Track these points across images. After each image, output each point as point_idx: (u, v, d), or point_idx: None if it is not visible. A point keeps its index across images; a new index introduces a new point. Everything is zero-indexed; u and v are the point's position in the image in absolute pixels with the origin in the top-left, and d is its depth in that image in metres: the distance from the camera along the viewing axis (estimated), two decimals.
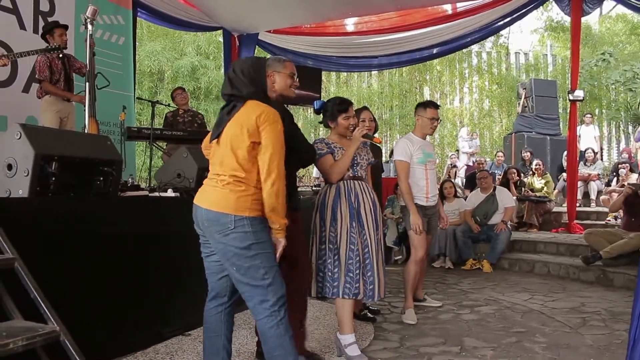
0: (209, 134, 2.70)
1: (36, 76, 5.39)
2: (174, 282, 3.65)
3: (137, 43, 8.71)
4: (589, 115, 11.84)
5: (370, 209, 3.34)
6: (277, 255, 2.46)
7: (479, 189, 7.28)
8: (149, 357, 3.21)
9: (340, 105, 3.41)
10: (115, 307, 3.16)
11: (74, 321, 2.42)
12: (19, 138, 2.91)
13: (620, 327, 3.86)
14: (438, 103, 4.56)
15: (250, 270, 2.38)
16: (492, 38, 16.80)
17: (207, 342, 2.65)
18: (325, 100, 3.52)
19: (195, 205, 2.51)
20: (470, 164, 11.92)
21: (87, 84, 4.54)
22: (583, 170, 9.72)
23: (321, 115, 3.50)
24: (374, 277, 3.25)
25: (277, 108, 2.51)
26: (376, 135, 4.21)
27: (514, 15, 8.57)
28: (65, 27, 5.43)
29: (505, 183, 8.59)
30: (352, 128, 3.36)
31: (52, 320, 2.10)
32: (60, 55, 5.35)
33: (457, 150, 13.26)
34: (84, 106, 4.58)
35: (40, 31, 5.79)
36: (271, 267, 2.42)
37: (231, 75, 2.51)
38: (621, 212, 6.62)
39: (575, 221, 8.00)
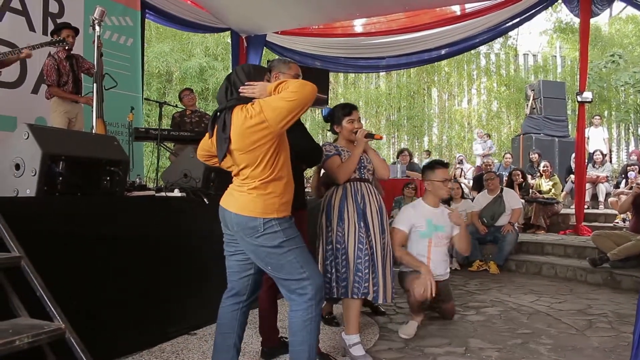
0: (204, 140, 2.65)
1: (44, 79, 5.44)
2: (180, 281, 3.67)
3: (145, 44, 8.76)
4: (597, 117, 11.78)
5: (377, 211, 3.35)
6: None
7: (486, 190, 7.25)
8: (155, 356, 3.23)
9: (344, 109, 3.44)
10: (121, 306, 3.18)
11: (80, 320, 2.44)
12: (27, 138, 2.94)
13: (627, 330, 3.83)
14: (446, 161, 4.19)
15: (286, 267, 2.42)
16: (500, 39, 16.85)
17: (219, 339, 2.67)
18: (332, 107, 3.56)
19: (223, 208, 2.52)
20: (479, 164, 11.91)
21: (94, 85, 4.58)
22: (591, 172, 9.67)
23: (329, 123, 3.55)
24: (378, 279, 3.25)
25: None
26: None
27: (523, 16, 8.55)
28: (75, 29, 5.46)
29: (509, 185, 8.56)
30: (356, 131, 3.38)
31: (58, 317, 2.12)
32: (68, 56, 5.40)
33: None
34: (92, 107, 4.61)
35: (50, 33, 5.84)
36: (306, 261, 2.46)
37: (232, 77, 2.50)
38: (629, 214, 6.58)
39: (583, 223, 7.96)
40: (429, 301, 3.79)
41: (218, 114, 2.46)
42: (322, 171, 3.59)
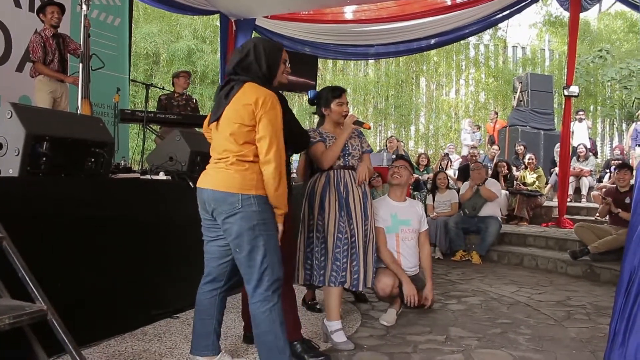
0: (208, 118, 2.68)
1: (30, 56, 5.36)
2: (163, 264, 3.66)
3: (133, 25, 8.64)
4: (581, 112, 11.86)
5: (360, 199, 3.35)
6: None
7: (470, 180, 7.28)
8: (137, 339, 3.23)
9: (334, 91, 3.41)
10: (104, 288, 3.18)
11: (62, 301, 2.44)
12: (10, 117, 2.89)
13: (604, 321, 3.90)
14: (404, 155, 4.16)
15: (252, 252, 2.39)
16: (490, 31, 16.83)
17: (199, 324, 2.68)
18: (319, 90, 3.53)
19: (200, 188, 2.51)
20: (465, 154, 11.95)
21: (81, 64, 4.52)
22: (575, 165, 9.77)
23: (315, 106, 3.51)
24: (359, 266, 3.27)
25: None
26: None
27: (513, 9, 8.55)
28: (61, 6, 5.37)
29: (494, 176, 8.62)
30: (344, 114, 3.37)
31: (40, 299, 2.11)
32: (55, 34, 5.32)
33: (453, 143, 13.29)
34: (78, 87, 4.56)
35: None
36: (271, 250, 2.42)
37: (250, 53, 2.49)
38: None
39: (566, 216, 8.06)
40: (395, 294, 3.85)
41: (230, 82, 2.47)
42: None
